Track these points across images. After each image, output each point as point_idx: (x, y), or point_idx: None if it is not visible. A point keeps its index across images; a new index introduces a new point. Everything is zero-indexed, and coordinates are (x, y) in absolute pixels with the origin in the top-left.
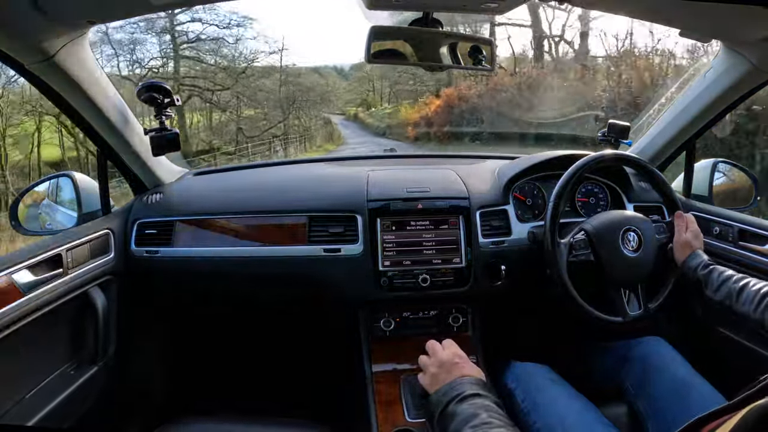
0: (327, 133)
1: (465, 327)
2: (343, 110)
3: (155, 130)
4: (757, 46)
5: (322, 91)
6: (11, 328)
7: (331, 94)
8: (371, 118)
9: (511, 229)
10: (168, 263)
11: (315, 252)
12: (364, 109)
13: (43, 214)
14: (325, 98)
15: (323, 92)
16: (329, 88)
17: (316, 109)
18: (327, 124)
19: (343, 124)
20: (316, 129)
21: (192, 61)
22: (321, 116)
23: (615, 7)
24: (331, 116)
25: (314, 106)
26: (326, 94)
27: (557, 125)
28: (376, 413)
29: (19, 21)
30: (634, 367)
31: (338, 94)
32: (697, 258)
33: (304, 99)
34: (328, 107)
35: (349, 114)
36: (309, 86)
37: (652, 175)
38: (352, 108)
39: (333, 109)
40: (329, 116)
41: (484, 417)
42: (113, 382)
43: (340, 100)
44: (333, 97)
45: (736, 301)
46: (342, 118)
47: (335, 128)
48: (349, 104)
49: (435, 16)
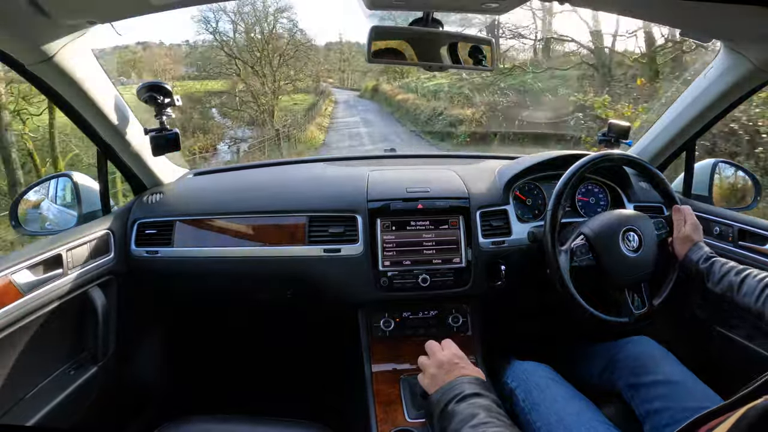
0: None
1: (465, 327)
2: (356, 84)
3: (155, 130)
4: (757, 46)
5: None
6: (11, 328)
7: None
8: (407, 92)
9: (511, 229)
10: (168, 263)
11: (315, 252)
12: (391, 79)
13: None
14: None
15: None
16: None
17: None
18: (314, 106)
19: (348, 105)
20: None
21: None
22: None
23: (615, 6)
24: (332, 89)
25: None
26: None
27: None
28: (375, 413)
29: (19, 21)
30: (625, 368)
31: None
32: (699, 251)
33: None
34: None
35: (367, 88)
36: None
37: (652, 175)
38: (370, 81)
39: (335, 79)
40: (327, 88)
41: (483, 417)
42: (113, 382)
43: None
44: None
45: (737, 293)
46: (355, 94)
47: (325, 115)
48: (368, 74)
49: (435, 16)
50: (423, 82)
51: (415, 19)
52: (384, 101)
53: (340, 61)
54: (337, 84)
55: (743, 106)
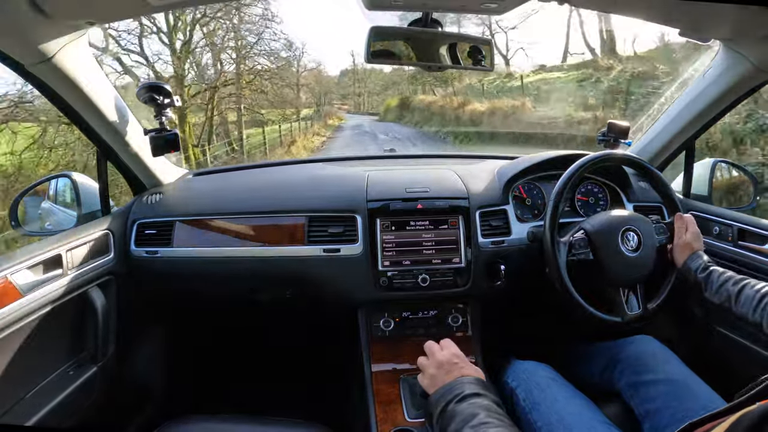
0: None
1: (465, 327)
2: (374, 108)
3: (155, 131)
4: (757, 46)
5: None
6: (11, 328)
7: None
8: (476, 97)
9: (511, 229)
10: (168, 263)
11: (314, 252)
12: (428, 87)
13: (43, 214)
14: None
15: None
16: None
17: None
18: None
19: (359, 132)
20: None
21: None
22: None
23: (615, 6)
24: (346, 114)
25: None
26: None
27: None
28: (375, 413)
29: (19, 21)
30: (627, 367)
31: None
32: (698, 260)
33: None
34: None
35: (388, 107)
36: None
37: (652, 175)
38: (392, 98)
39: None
40: (341, 113)
41: (483, 417)
42: (113, 382)
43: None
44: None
45: (734, 303)
46: (373, 119)
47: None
48: (387, 91)
49: (434, 16)
50: (494, 82)
51: (415, 19)
52: (426, 118)
53: (354, 83)
54: (351, 110)
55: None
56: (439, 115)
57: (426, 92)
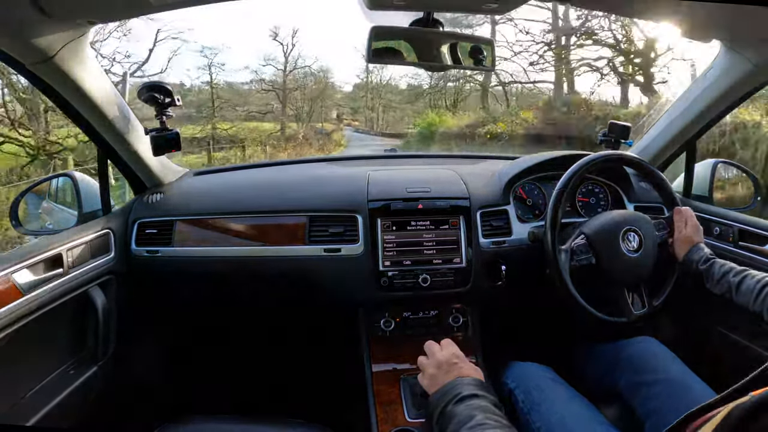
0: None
1: (465, 327)
2: (391, 126)
3: (156, 130)
4: (757, 46)
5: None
6: (11, 328)
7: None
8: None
9: (512, 229)
10: (168, 263)
11: (315, 252)
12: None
13: (43, 213)
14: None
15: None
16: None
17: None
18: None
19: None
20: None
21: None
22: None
23: (615, 6)
24: (348, 132)
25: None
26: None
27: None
28: (376, 413)
29: (19, 21)
30: (628, 367)
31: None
32: (699, 252)
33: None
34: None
35: (431, 128)
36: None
37: (652, 175)
38: (421, 119)
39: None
40: (340, 131)
41: (480, 418)
42: (113, 382)
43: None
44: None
45: (735, 294)
46: (397, 142)
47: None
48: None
49: (435, 16)
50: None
51: (416, 19)
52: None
53: (366, 92)
54: (362, 127)
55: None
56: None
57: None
